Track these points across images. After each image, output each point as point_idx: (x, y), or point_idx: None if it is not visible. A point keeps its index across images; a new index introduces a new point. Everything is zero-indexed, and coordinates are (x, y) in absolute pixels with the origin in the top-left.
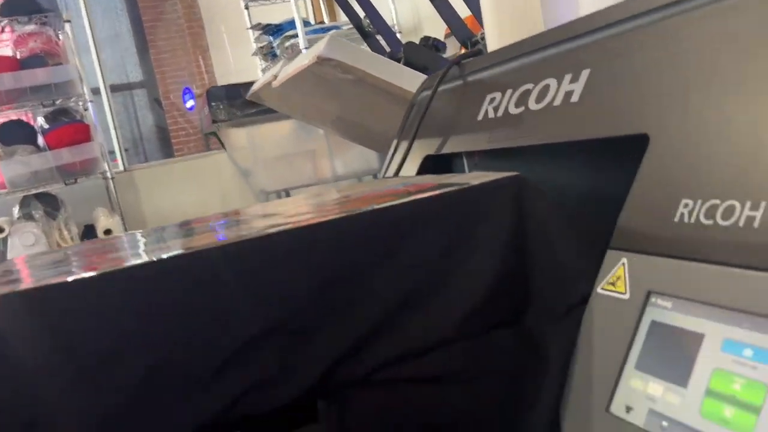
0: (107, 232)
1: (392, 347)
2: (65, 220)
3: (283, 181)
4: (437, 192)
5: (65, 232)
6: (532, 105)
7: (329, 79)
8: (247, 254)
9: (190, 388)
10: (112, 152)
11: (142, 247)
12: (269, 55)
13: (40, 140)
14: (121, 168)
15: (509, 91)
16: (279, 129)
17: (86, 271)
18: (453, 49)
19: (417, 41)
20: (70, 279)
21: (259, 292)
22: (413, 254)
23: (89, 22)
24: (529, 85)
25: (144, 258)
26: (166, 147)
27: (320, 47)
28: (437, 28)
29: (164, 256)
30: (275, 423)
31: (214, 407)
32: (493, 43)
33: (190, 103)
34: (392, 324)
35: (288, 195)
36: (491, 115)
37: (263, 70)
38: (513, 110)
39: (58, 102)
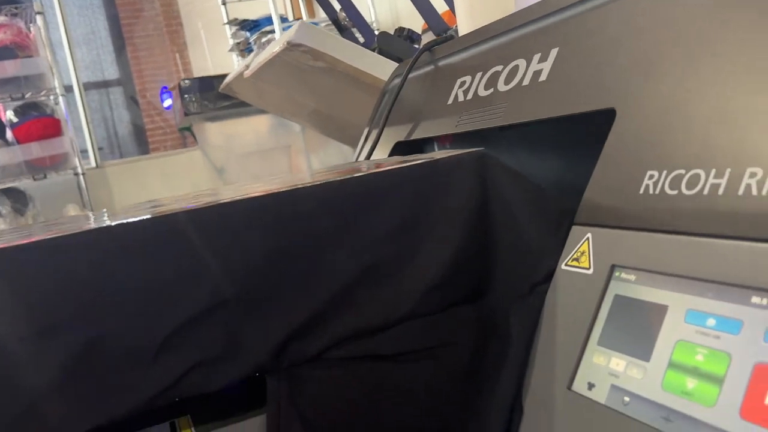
0: None
1: (349, 324)
2: (33, 217)
3: (258, 176)
4: (398, 165)
5: None
6: (501, 86)
7: (301, 68)
8: (197, 223)
9: (131, 363)
10: (85, 151)
11: (99, 219)
12: (246, 50)
13: (9, 134)
14: (93, 164)
15: (479, 74)
16: (254, 124)
17: (27, 240)
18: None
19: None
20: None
21: (209, 263)
22: (373, 227)
23: (63, 17)
24: (499, 67)
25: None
26: (142, 145)
27: (291, 33)
28: (415, 25)
29: (107, 224)
30: (224, 403)
31: (157, 384)
32: (464, 28)
33: (167, 103)
34: (349, 299)
35: None
36: (461, 98)
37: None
38: (482, 92)
39: (27, 95)
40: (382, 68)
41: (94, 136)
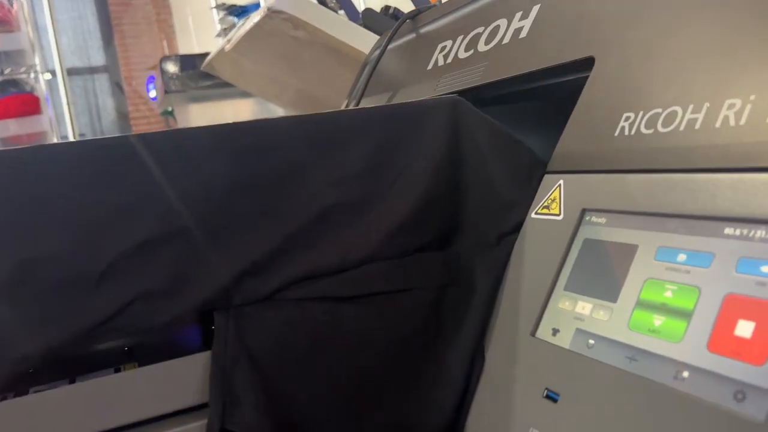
0: None
1: (306, 264)
2: None
3: None
4: (369, 107)
5: None
6: (481, 47)
7: (282, 40)
8: (151, 148)
9: (72, 290)
10: (65, 136)
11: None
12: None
13: None
14: None
15: (460, 37)
16: (236, 108)
17: None
18: None
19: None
20: None
21: (160, 191)
22: (339, 166)
23: (48, 0)
24: (480, 29)
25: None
26: (125, 133)
27: (271, 0)
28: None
29: (61, 141)
30: (166, 341)
31: (98, 314)
32: None
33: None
34: (308, 239)
35: None
36: (441, 63)
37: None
38: (462, 55)
39: (7, 71)
40: (364, 40)
41: (76, 120)
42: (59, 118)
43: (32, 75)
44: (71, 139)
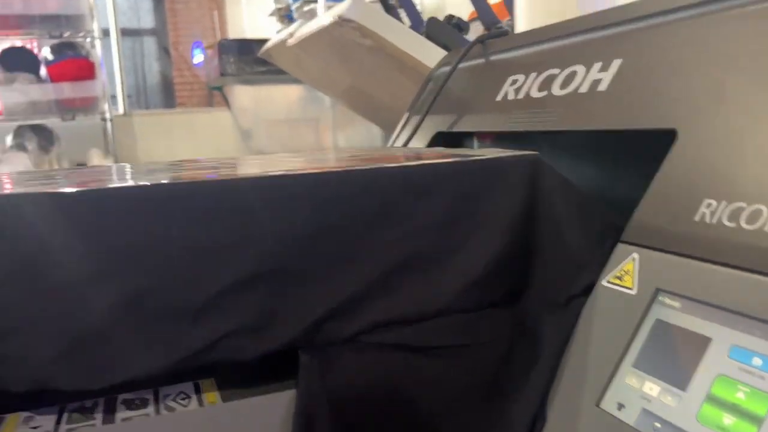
0: None
1: (385, 311)
2: (58, 156)
3: (283, 146)
4: (451, 159)
5: (56, 167)
6: (556, 90)
7: (346, 44)
8: (249, 191)
9: (173, 320)
10: (114, 97)
11: (135, 174)
12: (287, 17)
13: (43, 71)
14: (121, 112)
15: (533, 75)
16: (285, 92)
17: (76, 187)
18: (476, 33)
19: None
20: (61, 190)
21: (256, 232)
22: (419, 218)
23: None
24: (555, 70)
25: (139, 182)
26: (168, 98)
27: (343, 7)
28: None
29: (163, 181)
30: (253, 372)
31: (193, 345)
32: (521, 25)
33: (198, 58)
34: (388, 286)
35: None
36: (511, 96)
37: (278, 32)
38: (535, 94)
39: (66, 35)
40: (429, 54)
41: (126, 83)
42: (109, 77)
43: (89, 40)
44: (120, 101)
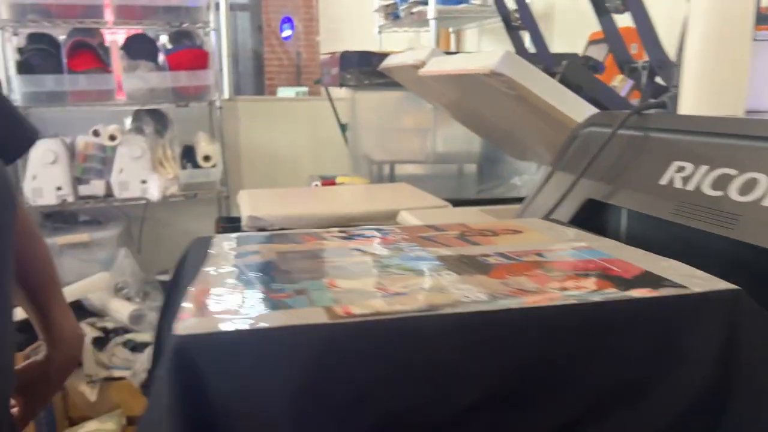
0: (206, 158)
1: None
2: (170, 140)
3: (389, 153)
4: (655, 294)
5: (168, 151)
6: (734, 194)
7: (486, 90)
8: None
9: None
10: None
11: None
12: (391, 15)
13: (161, 58)
14: (227, 96)
15: (703, 168)
16: (387, 98)
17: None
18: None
19: (550, 37)
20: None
21: (491, 361)
22: (621, 353)
23: None
24: (731, 171)
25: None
26: (258, 74)
27: (493, 59)
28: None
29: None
30: None
31: None
32: (686, 104)
33: (286, 33)
34: (598, 415)
35: (392, 168)
36: (677, 184)
37: (380, 28)
38: (708, 191)
39: (184, 25)
40: (572, 107)
41: (232, 68)
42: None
43: (204, 30)
44: (225, 86)
